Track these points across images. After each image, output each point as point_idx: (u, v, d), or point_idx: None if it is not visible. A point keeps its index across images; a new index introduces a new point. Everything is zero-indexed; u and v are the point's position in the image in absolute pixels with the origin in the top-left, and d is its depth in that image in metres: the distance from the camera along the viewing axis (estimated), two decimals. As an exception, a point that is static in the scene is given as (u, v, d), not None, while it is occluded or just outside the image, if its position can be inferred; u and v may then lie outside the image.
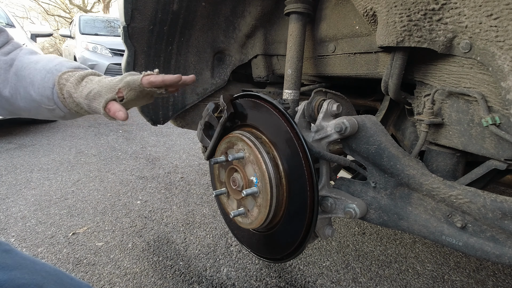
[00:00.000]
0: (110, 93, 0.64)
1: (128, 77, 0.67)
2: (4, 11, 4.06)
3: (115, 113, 0.64)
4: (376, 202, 0.72)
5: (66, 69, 0.68)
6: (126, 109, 0.66)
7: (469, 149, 0.68)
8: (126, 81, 0.66)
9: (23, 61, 0.68)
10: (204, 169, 2.78)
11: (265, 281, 1.37)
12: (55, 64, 0.68)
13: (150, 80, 0.66)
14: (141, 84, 0.66)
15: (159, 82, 0.66)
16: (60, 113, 0.70)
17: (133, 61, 1.18)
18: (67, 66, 0.69)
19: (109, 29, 7.80)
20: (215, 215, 1.95)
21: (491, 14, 0.54)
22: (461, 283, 1.40)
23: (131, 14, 1.07)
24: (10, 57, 0.68)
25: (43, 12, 23.16)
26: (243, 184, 0.71)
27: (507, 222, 0.55)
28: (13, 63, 0.68)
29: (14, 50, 0.70)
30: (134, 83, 0.66)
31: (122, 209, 2.01)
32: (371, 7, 0.71)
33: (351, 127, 0.67)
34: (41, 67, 0.67)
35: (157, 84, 0.66)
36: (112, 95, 0.64)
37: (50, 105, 0.68)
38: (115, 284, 1.33)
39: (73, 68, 0.69)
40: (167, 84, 0.68)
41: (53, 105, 0.67)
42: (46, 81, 0.66)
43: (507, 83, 0.55)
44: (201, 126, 0.84)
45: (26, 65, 0.67)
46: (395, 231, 1.81)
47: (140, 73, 0.68)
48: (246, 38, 1.31)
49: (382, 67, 0.86)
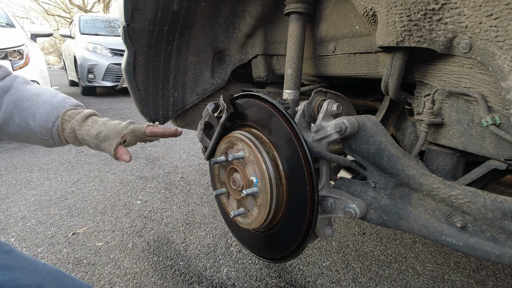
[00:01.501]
0: (118, 137, 0.78)
1: (132, 126, 0.82)
2: (4, 11, 4.05)
3: (122, 155, 0.78)
4: (376, 202, 0.72)
5: (69, 106, 0.78)
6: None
7: (469, 149, 0.68)
8: (131, 128, 0.81)
9: (23, 92, 0.75)
10: (204, 169, 2.78)
11: (265, 281, 1.37)
12: (59, 101, 0.78)
13: (153, 130, 0.83)
14: (144, 132, 0.83)
15: (160, 133, 0.83)
16: (50, 143, 0.79)
17: (133, 61, 1.18)
18: (69, 103, 0.79)
19: (109, 29, 7.80)
20: (215, 215, 1.95)
21: (491, 14, 0.54)
22: (461, 283, 1.40)
23: (131, 14, 1.07)
24: (5, 84, 0.74)
25: (43, 12, 23.15)
26: (243, 184, 0.71)
27: (507, 222, 0.55)
28: (8, 90, 0.74)
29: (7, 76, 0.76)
30: (138, 131, 0.82)
31: (122, 209, 2.01)
32: (371, 7, 0.71)
33: (351, 127, 0.67)
34: (44, 101, 0.76)
35: (158, 135, 0.84)
36: (120, 139, 0.78)
37: (46, 136, 0.76)
38: (115, 284, 1.33)
39: (74, 105, 0.80)
40: (166, 135, 0.84)
41: (49, 136, 0.76)
42: (50, 116, 0.75)
43: (507, 83, 0.55)
44: (201, 126, 0.84)
45: (28, 96, 0.75)
46: (395, 231, 1.81)
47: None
48: (246, 38, 1.30)
49: (382, 67, 0.86)
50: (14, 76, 0.77)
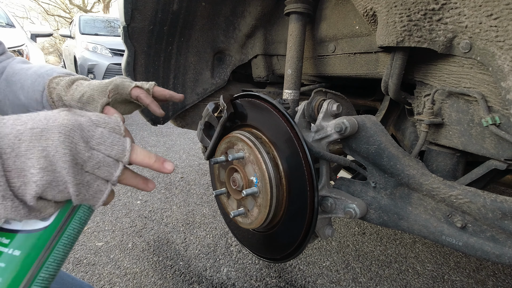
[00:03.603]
0: (103, 97, 0.65)
1: (118, 80, 0.67)
2: (4, 11, 4.06)
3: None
4: (376, 202, 0.72)
5: (57, 74, 0.68)
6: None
7: (469, 149, 0.68)
8: (116, 84, 0.66)
9: (14, 68, 0.69)
10: (204, 169, 2.78)
11: (265, 281, 1.37)
12: (46, 70, 0.69)
13: (139, 96, 0.68)
14: (129, 93, 0.68)
15: (146, 103, 0.69)
16: None
17: (133, 61, 1.18)
18: (58, 71, 0.69)
19: (109, 29, 7.80)
20: (215, 215, 1.95)
21: (491, 14, 0.54)
22: (461, 283, 1.40)
23: (131, 14, 1.07)
24: (2, 65, 0.70)
25: (43, 12, 23.17)
26: (243, 184, 0.71)
27: (507, 222, 0.55)
28: (3, 71, 0.69)
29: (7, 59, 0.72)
30: (123, 90, 0.67)
31: (122, 209, 2.01)
32: (371, 7, 0.71)
33: (351, 127, 0.67)
34: (32, 72, 0.68)
35: (143, 103, 0.69)
36: (106, 99, 0.65)
37: (38, 109, 0.67)
38: (115, 284, 1.33)
39: (64, 73, 0.70)
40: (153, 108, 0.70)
41: (42, 108, 0.67)
42: (37, 85, 0.66)
43: (507, 83, 0.55)
44: (201, 126, 0.84)
45: (18, 71, 0.68)
46: (395, 231, 1.81)
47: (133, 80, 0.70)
48: (246, 38, 1.31)
49: (382, 67, 0.86)
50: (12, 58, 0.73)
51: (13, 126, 0.33)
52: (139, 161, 0.43)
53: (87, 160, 0.36)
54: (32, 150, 0.33)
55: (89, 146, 0.37)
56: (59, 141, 0.34)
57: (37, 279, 0.39)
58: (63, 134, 0.34)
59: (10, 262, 0.37)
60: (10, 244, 0.37)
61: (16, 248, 0.37)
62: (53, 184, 0.34)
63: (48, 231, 0.39)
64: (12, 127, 0.33)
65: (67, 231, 0.41)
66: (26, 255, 0.38)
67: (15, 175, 0.32)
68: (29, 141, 0.33)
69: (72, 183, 0.35)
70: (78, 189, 0.36)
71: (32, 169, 0.32)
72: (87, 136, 0.37)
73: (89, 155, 0.36)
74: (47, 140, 0.33)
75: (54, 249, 0.40)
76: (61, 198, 0.36)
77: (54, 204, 0.37)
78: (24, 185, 0.33)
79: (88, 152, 0.36)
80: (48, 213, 0.37)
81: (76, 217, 0.41)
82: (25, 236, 0.38)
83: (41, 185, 0.33)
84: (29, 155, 0.33)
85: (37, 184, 0.33)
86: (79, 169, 0.35)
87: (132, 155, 0.41)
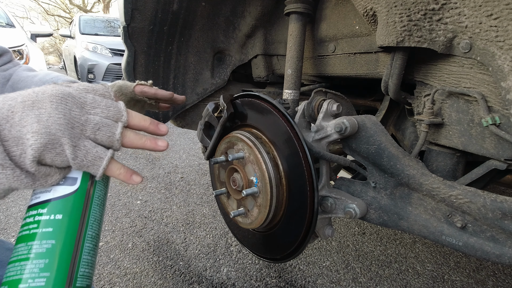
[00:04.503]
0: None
1: (120, 82, 0.69)
2: (4, 11, 4.06)
3: None
4: (376, 202, 0.72)
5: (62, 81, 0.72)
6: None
7: (469, 149, 0.68)
8: (119, 85, 0.68)
9: (20, 75, 0.72)
10: (204, 169, 2.78)
11: (265, 281, 1.37)
12: (51, 77, 0.71)
13: (143, 90, 0.69)
14: (133, 91, 0.69)
15: (151, 94, 0.70)
16: None
17: (133, 61, 1.18)
18: (63, 79, 0.71)
19: (109, 29, 7.80)
20: (215, 215, 1.95)
21: (491, 14, 0.54)
22: (461, 283, 1.40)
23: (131, 14, 1.07)
24: (9, 73, 0.73)
25: (43, 12, 23.17)
26: (243, 184, 0.71)
27: (507, 222, 0.55)
28: (10, 78, 0.72)
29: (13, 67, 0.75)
30: (126, 89, 0.69)
31: (122, 209, 2.01)
32: (371, 7, 0.71)
33: (351, 127, 0.67)
34: (37, 80, 0.71)
35: (149, 95, 0.70)
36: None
37: None
38: (115, 284, 1.33)
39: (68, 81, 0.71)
40: (158, 98, 0.72)
41: None
42: None
43: (507, 83, 0.55)
44: (201, 126, 0.84)
45: (24, 78, 0.71)
46: (395, 231, 1.81)
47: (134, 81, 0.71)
48: (246, 38, 1.31)
49: (382, 67, 0.86)
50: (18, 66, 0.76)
51: (4, 102, 0.35)
52: (135, 123, 0.43)
53: (84, 124, 0.37)
54: (26, 119, 0.34)
55: (84, 111, 0.38)
56: (52, 108, 0.35)
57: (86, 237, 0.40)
58: (54, 102, 0.35)
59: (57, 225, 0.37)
60: (48, 212, 0.38)
61: (57, 213, 0.38)
62: (49, 146, 0.35)
63: (79, 193, 0.40)
64: (3, 102, 0.35)
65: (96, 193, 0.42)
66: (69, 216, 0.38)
67: (13, 144, 0.33)
68: (22, 112, 0.34)
69: (68, 145, 0.35)
70: (75, 152, 0.36)
71: (28, 135, 0.34)
72: (80, 102, 0.38)
73: (85, 118, 0.37)
74: (40, 109, 0.35)
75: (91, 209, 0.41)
76: (61, 162, 0.36)
77: (58, 170, 0.38)
78: (24, 153, 0.34)
79: (84, 116, 0.37)
80: (54, 179, 0.37)
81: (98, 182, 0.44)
82: (60, 201, 0.39)
83: (36, 148, 0.34)
84: (24, 123, 0.34)
85: (32, 147, 0.34)
86: (77, 133, 0.37)
87: (129, 117, 0.42)
